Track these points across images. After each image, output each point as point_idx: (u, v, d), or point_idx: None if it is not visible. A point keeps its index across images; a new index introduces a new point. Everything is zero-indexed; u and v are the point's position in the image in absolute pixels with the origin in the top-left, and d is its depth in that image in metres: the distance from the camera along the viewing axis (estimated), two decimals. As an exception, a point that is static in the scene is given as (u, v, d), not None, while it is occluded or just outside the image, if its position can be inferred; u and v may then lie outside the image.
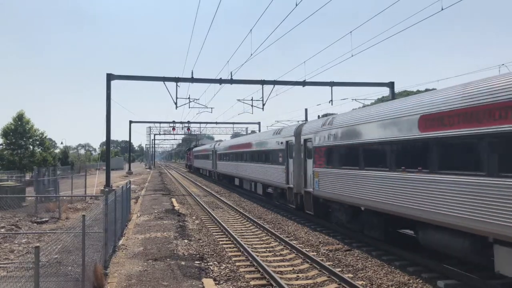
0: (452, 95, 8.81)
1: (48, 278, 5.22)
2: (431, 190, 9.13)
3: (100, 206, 9.79)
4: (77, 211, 20.13)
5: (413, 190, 9.73)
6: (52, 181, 23.74)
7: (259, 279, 9.44)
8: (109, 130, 30.97)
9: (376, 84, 37.60)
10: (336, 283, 9.02)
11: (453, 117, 8.54)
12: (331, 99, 34.54)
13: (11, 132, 46.55)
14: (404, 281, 9.07)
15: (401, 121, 10.29)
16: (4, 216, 17.81)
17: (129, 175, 58.75)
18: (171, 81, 31.74)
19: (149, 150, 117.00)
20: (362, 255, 11.45)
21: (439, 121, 8.96)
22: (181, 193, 31.30)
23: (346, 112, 15.02)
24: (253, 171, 25.03)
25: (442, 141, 8.86)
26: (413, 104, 10.12)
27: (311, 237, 13.97)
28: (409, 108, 10.17)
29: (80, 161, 78.50)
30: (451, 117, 8.62)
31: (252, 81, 34.12)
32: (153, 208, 21.14)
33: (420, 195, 9.47)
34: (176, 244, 12.52)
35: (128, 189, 18.37)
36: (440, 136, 8.89)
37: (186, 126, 70.09)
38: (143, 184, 41.10)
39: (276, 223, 17.05)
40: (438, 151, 8.99)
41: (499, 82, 7.77)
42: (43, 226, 16.68)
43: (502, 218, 7.41)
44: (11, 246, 12.84)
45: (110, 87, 30.32)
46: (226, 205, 23.00)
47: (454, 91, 8.87)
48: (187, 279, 9.01)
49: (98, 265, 8.40)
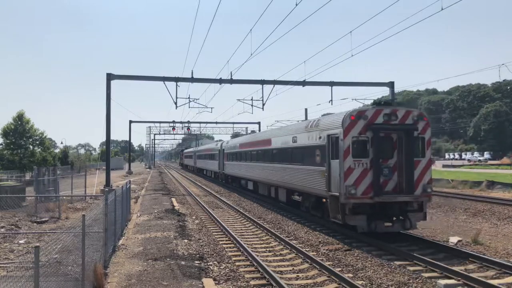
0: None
1: (48, 278, 5.21)
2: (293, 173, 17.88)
3: (100, 206, 9.78)
4: (77, 211, 20.13)
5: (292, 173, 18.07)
6: (52, 181, 23.72)
7: (259, 278, 9.44)
8: (109, 129, 30.99)
9: (376, 84, 37.59)
10: (336, 283, 9.01)
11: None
12: (331, 99, 34.54)
13: (11, 132, 46.59)
14: (404, 281, 9.07)
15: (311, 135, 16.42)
16: (4, 216, 17.80)
17: (129, 175, 58.75)
18: (171, 81, 31.73)
19: (149, 150, 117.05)
20: (362, 255, 11.44)
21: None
22: (181, 193, 31.29)
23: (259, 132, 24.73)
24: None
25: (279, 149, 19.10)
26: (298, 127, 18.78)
27: (311, 237, 13.97)
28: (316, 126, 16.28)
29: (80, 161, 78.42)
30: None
31: (252, 81, 34.12)
32: (153, 208, 21.14)
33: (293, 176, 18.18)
34: (176, 244, 12.51)
35: (128, 189, 18.36)
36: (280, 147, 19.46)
37: (186, 126, 70.09)
38: (143, 184, 41.09)
39: (276, 223, 17.05)
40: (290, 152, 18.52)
41: (293, 126, 16.94)
42: (43, 226, 16.68)
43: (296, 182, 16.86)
44: (11, 246, 12.84)
45: (110, 87, 30.33)
46: (226, 204, 23.00)
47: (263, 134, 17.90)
48: (187, 279, 9.01)
49: (98, 265, 8.40)
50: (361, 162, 13.29)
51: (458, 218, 17.93)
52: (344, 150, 13.32)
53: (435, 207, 20.64)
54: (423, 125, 13.87)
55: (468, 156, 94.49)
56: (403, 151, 13.58)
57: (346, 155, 13.28)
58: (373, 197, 13.04)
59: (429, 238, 13.52)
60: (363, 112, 13.60)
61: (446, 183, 29.46)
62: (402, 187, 13.44)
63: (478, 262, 10.38)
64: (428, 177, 13.78)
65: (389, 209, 13.33)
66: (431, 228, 15.68)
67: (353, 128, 13.34)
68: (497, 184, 26.75)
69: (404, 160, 13.51)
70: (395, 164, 13.60)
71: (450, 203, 20.68)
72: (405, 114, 13.74)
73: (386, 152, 13.62)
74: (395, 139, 13.69)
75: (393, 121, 13.56)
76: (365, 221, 13.11)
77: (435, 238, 13.70)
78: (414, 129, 13.59)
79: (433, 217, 18.54)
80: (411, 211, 13.50)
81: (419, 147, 13.87)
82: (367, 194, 13.09)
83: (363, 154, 13.38)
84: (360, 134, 13.36)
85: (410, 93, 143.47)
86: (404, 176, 13.44)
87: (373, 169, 13.21)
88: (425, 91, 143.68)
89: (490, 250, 12.03)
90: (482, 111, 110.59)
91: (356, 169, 13.23)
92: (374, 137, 13.29)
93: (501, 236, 14.23)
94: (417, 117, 13.87)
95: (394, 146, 13.70)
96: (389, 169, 13.55)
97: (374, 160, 13.24)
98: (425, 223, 15.05)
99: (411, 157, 13.43)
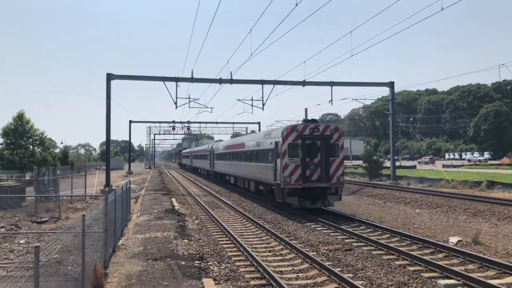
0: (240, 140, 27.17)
1: (48, 278, 5.21)
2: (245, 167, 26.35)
3: (100, 206, 9.78)
4: (77, 211, 20.13)
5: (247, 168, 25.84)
6: (52, 181, 23.72)
7: (259, 279, 9.44)
8: (109, 129, 31.00)
9: (376, 84, 37.64)
10: (336, 283, 9.01)
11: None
12: (331, 99, 34.64)
13: (11, 132, 46.51)
14: (404, 281, 9.07)
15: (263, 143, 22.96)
16: (4, 216, 17.80)
17: (129, 175, 58.75)
18: (171, 81, 31.76)
19: (149, 150, 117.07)
20: (362, 255, 11.44)
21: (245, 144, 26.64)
22: (181, 193, 31.29)
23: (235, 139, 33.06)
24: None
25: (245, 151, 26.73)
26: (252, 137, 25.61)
27: (311, 237, 13.97)
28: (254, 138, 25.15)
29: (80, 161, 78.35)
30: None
31: (252, 81, 34.14)
32: (153, 208, 21.14)
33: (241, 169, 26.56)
34: (176, 244, 12.51)
35: (128, 189, 18.36)
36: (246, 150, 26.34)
37: (186, 126, 70.09)
38: (143, 184, 41.08)
39: (276, 223, 17.05)
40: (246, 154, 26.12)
41: (247, 137, 26.74)
42: (43, 226, 16.67)
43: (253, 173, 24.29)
44: (11, 245, 12.83)
45: (110, 87, 30.34)
46: (226, 205, 23.00)
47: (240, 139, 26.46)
48: (187, 279, 9.01)
49: (98, 265, 8.39)
50: (294, 160, 19.13)
51: (458, 218, 17.93)
52: (282, 152, 19.21)
53: (434, 207, 20.66)
54: (338, 135, 19.69)
55: (468, 156, 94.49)
56: (324, 153, 19.35)
57: (284, 155, 19.17)
58: (302, 184, 18.94)
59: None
60: (296, 126, 19.71)
61: (446, 183, 29.47)
62: (323, 177, 19.27)
63: (478, 262, 10.38)
64: (341, 171, 19.58)
65: (314, 192, 19.21)
66: (431, 228, 15.70)
67: (288, 137, 19.24)
68: (497, 184, 26.75)
69: (324, 159, 19.32)
70: (318, 162, 19.38)
71: (450, 203, 20.68)
72: (324, 128, 19.73)
73: (312, 153, 19.40)
74: (319, 144, 19.43)
75: (315, 133, 19.49)
76: (297, 200, 19.10)
77: (435, 238, 13.71)
78: (330, 138, 19.49)
79: (433, 217, 18.55)
80: (329, 194, 19.34)
81: (334, 150, 19.53)
82: (298, 182, 18.99)
83: (296, 155, 19.18)
84: (294, 141, 19.21)
85: (410, 93, 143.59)
86: (324, 170, 19.28)
87: (302, 165, 19.09)
88: (425, 91, 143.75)
89: (490, 250, 12.03)
90: (482, 111, 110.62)
91: (290, 165, 19.07)
92: (302, 144, 19.23)
93: (501, 236, 14.24)
94: (333, 130, 19.77)
95: (318, 150, 19.42)
96: (314, 165, 19.39)
97: (303, 159, 19.14)
98: (424, 223, 16.55)
99: (329, 157, 19.31)
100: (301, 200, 19.04)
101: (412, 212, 20.30)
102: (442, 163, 72.30)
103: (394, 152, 36.43)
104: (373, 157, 40.12)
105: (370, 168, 38.04)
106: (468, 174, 40.17)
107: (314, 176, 19.30)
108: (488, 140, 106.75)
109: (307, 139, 19.35)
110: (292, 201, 19.16)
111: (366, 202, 24.40)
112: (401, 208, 21.50)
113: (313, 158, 19.39)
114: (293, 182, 18.96)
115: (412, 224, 16.66)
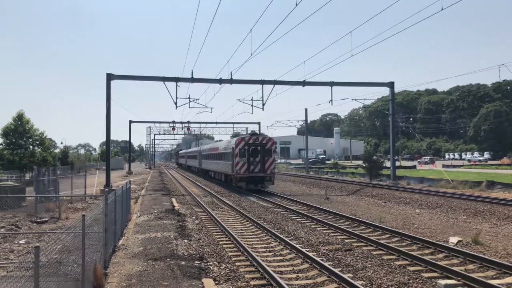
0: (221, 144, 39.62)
1: (48, 278, 5.20)
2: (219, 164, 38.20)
3: (100, 206, 9.77)
4: (77, 211, 20.12)
5: (218, 165, 38.74)
6: (52, 181, 23.70)
7: (259, 279, 9.44)
8: (109, 130, 30.99)
9: (376, 84, 37.64)
10: (336, 283, 9.01)
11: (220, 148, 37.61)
12: (331, 99, 34.66)
13: (11, 132, 46.50)
14: (404, 281, 9.07)
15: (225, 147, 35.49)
16: (4, 216, 17.80)
17: (129, 175, 58.74)
18: (171, 81, 31.76)
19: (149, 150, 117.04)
20: (362, 255, 11.45)
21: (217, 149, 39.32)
22: (181, 193, 31.29)
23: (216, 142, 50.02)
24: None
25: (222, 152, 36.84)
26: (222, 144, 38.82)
27: (311, 237, 13.97)
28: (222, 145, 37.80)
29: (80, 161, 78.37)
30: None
31: (252, 81, 34.14)
32: (153, 208, 21.13)
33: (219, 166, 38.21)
34: (176, 244, 12.51)
35: (128, 189, 18.35)
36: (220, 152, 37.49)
37: (186, 126, 70.15)
38: (143, 184, 41.08)
39: (276, 223, 17.05)
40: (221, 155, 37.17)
41: (224, 143, 39.01)
42: (43, 226, 16.66)
43: (221, 168, 37.03)
44: (11, 246, 12.83)
45: (110, 87, 30.34)
46: (226, 205, 23.00)
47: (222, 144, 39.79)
48: (187, 279, 9.01)
49: (98, 265, 8.39)
50: (243, 159, 30.26)
51: (458, 218, 17.93)
52: (235, 154, 30.36)
53: (435, 207, 20.66)
54: (271, 143, 31.03)
55: (468, 156, 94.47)
56: (262, 155, 30.53)
57: (236, 156, 30.29)
58: (247, 174, 30.27)
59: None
60: (244, 138, 31.21)
61: (446, 183, 29.46)
62: (261, 170, 30.43)
63: (478, 262, 10.38)
64: (273, 166, 31.07)
65: (255, 179, 30.60)
66: (431, 228, 15.70)
67: (239, 145, 30.37)
68: (497, 184, 26.72)
69: (262, 158, 30.49)
70: (259, 160, 30.44)
71: (450, 203, 20.67)
72: (262, 138, 31.27)
73: (255, 155, 30.47)
74: (259, 149, 30.54)
75: (257, 142, 30.66)
76: (245, 184, 30.41)
77: (435, 238, 13.71)
78: (266, 145, 30.77)
79: (433, 217, 18.56)
80: (265, 180, 30.86)
81: (269, 153, 30.74)
82: (245, 173, 30.24)
83: (244, 156, 30.29)
84: (242, 147, 30.28)
85: (410, 93, 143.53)
86: (262, 165, 30.43)
87: (247, 162, 30.25)
88: (425, 91, 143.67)
89: (490, 250, 12.03)
90: (482, 111, 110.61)
91: (240, 162, 30.25)
92: (248, 149, 30.33)
93: (501, 236, 14.23)
94: (268, 139, 31.33)
95: (258, 152, 30.53)
96: (256, 162, 30.39)
97: (248, 158, 30.27)
98: (424, 223, 16.69)
99: (265, 157, 30.53)
100: (247, 184, 30.42)
101: (412, 212, 20.30)
102: (442, 163, 72.32)
103: (394, 152, 36.42)
104: (373, 157, 40.08)
105: (370, 168, 38.03)
106: (468, 174, 40.18)
107: (256, 169, 30.40)
108: (488, 140, 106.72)
109: (251, 146, 30.45)
110: (241, 185, 30.73)
111: (366, 202, 24.39)
112: (401, 208, 21.50)
113: (255, 157, 30.44)
114: (241, 173, 30.29)
115: (412, 224, 16.66)
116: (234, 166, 30.32)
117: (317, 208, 20.99)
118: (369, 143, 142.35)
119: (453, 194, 23.43)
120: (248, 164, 30.06)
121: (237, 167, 30.07)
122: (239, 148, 30.04)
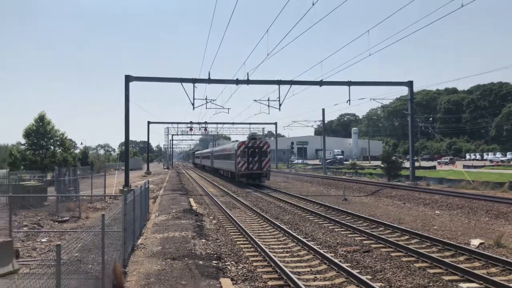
0: (227, 147, 48.83)
1: (69, 276, 5.31)
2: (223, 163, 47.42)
3: (119, 206, 9.91)
4: (97, 210, 20.46)
5: (225, 163, 46.07)
6: (72, 181, 24.16)
7: (276, 279, 9.42)
8: (128, 130, 31.41)
9: (395, 83, 37.18)
10: (354, 284, 8.93)
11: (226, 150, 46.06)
12: (349, 99, 34.29)
13: (33, 133, 47.52)
14: (424, 284, 8.93)
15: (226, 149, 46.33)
16: (27, 215, 18.21)
17: (147, 175, 59.41)
18: (189, 82, 32.02)
19: (167, 150, 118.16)
20: (381, 256, 11.31)
21: (224, 151, 48.18)
22: (198, 193, 31.49)
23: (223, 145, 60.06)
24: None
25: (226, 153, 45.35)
26: (227, 146, 48.41)
27: (329, 238, 13.88)
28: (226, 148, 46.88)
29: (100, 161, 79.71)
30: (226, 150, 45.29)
31: (268, 81, 34.14)
32: (171, 207, 21.32)
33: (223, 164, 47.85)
34: (194, 243, 12.59)
35: (147, 189, 18.57)
36: (226, 153, 45.27)
37: (203, 127, 70.65)
38: (161, 184, 41.50)
39: (293, 223, 17.00)
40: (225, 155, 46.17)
41: (229, 145, 47.53)
42: (64, 225, 17.00)
43: (228, 167, 44.25)
44: (33, 244, 13.14)
45: (128, 88, 30.75)
46: (243, 205, 23.04)
47: (228, 145, 49.06)
48: (205, 279, 9.05)
49: (118, 264, 8.51)
50: (243, 159, 36.62)
51: (479, 220, 17.55)
52: (238, 154, 36.79)
53: (455, 208, 20.27)
54: (266, 146, 37.14)
55: (490, 157, 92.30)
56: (259, 155, 36.62)
57: (238, 156, 36.80)
58: (247, 171, 36.71)
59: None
60: (244, 141, 37.73)
61: (466, 184, 28.86)
62: (258, 168, 36.65)
63: (501, 265, 10.14)
64: (269, 164, 37.25)
65: (253, 175, 36.99)
66: (451, 230, 15.41)
67: (240, 147, 36.78)
68: (520, 185, 26.01)
69: (260, 158, 36.67)
70: (257, 160, 36.60)
71: (471, 205, 20.24)
72: (259, 142, 37.29)
73: (253, 155, 36.56)
74: (257, 151, 36.60)
75: (255, 145, 36.81)
76: (246, 179, 37.06)
77: (456, 240, 13.45)
78: (262, 147, 36.90)
79: (454, 218, 18.21)
80: (262, 176, 37.21)
81: (265, 153, 36.86)
82: (245, 170, 36.65)
83: (244, 156, 36.59)
84: (243, 150, 36.58)
85: (430, 92, 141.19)
86: (259, 164, 36.63)
87: (247, 162, 36.55)
88: (445, 90, 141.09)
89: (514, 253, 11.73)
90: (505, 110, 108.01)
91: (241, 162, 36.65)
92: (248, 151, 36.52)
93: (525, 238, 13.85)
94: (264, 143, 37.53)
95: (256, 153, 36.57)
96: (255, 161, 36.58)
97: (248, 158, 36.56)
98: (444, 224, 16.38)
99: (261, 158, 36.71)
100: (247, 179, 37.07)
101: (432, 213, 19.96)
102: (462, 163, 70.87)
103: (414, 153, 35.87)
104: (392, 158, 39.54)
105: (388, 168, 37.55)
106: (489, 175, 39.28)
107: (254, 167, 36.69)
108: (511, 140, 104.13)
109: (250, 148, 36.65)
110: (242, 180, 37.40)
111: (385, 203, 24.10)
112: (420, 209, 21.16)
113: (254, 158, 36.64)
114: (242, 170, 36.78)
115: (432, 226, 16.38)
116: (237, 164, 37.06)
117: (334, 209, 20.85)
118: (388, 143, 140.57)
119: (474, 195, 22.92)
120: (248, 163, 36.60)
121: (239, 166, 36.82)
122: (241, 150, 36.61)
